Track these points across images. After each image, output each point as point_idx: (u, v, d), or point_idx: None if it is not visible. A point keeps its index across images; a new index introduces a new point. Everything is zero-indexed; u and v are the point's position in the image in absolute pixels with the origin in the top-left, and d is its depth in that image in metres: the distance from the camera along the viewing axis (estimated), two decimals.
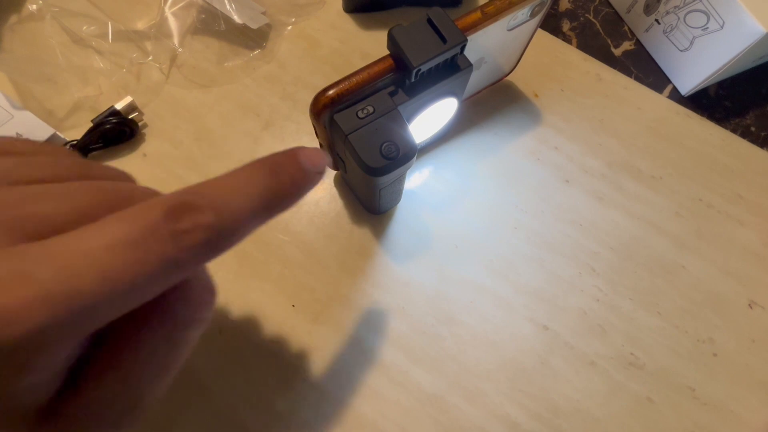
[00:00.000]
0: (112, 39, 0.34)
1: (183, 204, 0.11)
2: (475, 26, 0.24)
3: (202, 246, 0.11)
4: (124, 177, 0.15)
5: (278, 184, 0.13)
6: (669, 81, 0.37)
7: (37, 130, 0.30)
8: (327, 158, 0.15)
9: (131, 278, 0.10)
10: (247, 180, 0.13)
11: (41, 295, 0.09)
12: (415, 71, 0.22)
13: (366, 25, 0.37)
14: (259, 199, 0.13)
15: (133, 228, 0.11)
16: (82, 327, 0.10)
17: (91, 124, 0.31)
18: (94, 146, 0.31)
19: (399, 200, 0.31)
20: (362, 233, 0.31)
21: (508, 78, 0.35)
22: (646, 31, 0.37)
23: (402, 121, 0.23)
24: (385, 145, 0.22)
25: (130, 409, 0.13)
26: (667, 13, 0.35)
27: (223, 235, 0.12)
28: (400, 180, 0.27)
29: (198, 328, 0.14)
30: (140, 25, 0.35)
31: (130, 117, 0.31)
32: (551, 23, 0.38)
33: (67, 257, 0.10)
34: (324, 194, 0.32)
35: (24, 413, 0.12)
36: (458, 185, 0.32)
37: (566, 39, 0.38)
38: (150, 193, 0.13)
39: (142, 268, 0.10)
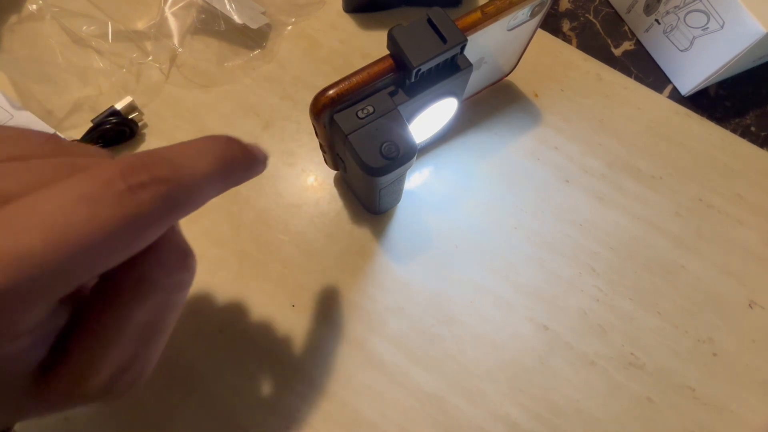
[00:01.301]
0: (112, 39, 0.34)
1: (139, 161, 0.11)
2: (475, 26, 0.24)
3: (159, 202, 0.11)
4: (104, 155, 0.15)
5: (232, 154, 0.14)
6: (669, 81, 0.37)
7: (37, 129, 0.30)
8: (265, 153, 0.16)
9: (88, 236, 0.10)
10: (203, 146, 0.14)
11: (7, 255, 0.09)
12: (415, 71, 0.22)
13: (366, 25, 0.37)
14: (214, 163, 0.13)
15: (87, 186, 0.11)
16: (46, 288, 0.10)
17: (91, 124, 0.31)
18: None
19: (399, 200, 0.31)
20: (362, 233, 0.31)
21: (508, 78, 0.35)
22: (646, 31, 0.37)
23: (402, 121, 0.23)
24: (385, 145, 0.22)
25: (119, 374, 0.13)
26: (667, 13, 0.35)
27: (180, 192, 0.12)
28: (400, 180, 0.27)
29: (179, 291, 0.14)
30: (140, 25, 0.35)
31: (130, 117, 0.31)
32: (551, 23, 0.38)
33: (17, 220, 0.10)
34: (324, 194, 0.32)
35: (16, 378, 0.12)
36: (458, 185, 0.32)
37: (566, 39, 0.38)
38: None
39: (99, 225, 0.10)
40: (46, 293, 0.11)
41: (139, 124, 0.32)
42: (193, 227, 0.20)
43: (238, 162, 0.14)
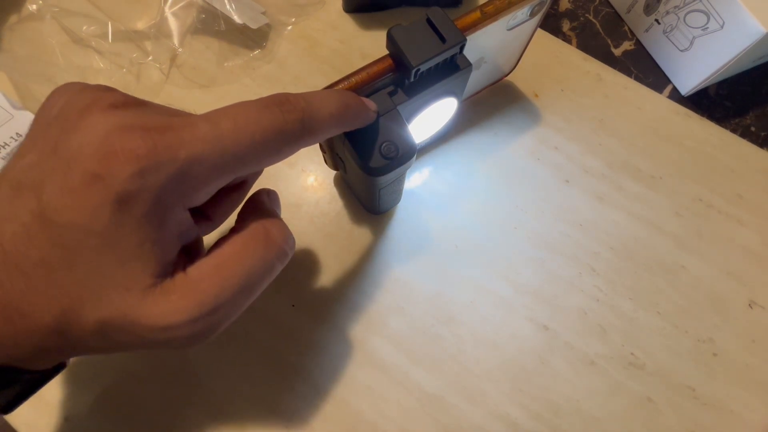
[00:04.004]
0: (112, 39, 0.34)
1: (286, 96, 0.18)
2: (474, 26, 0.24)
3: (298, 123, 0.17)
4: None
5: (349, 101, 0.20)
6: (669, 81, 0.37)
7: None
8: (375, 105, 0.22)
9: (257, 131, 0.16)
10: (329, 94, 0.20)
11: (207, 136, 0.16)
12: (414, 71, 0.22)
13: (366, 25, 0.37)
14: (335, 106, 0.19)
15: (256, 105, 0.17)
16: (224, 166, 0.16)
17: None
18: None
19: (399, 200, 0.31)
20: (362, 233, 0.31)
21: (508, 78, 0.35)
22: (646, 31, 0.37)
23: (401, 121, 0.23)
24: (384, 145, 0.22)
25: (217, 309, 0.16)
26: (667, 13, 0.35)
27: (312, 121, 0.18)
28: (400, 180, 0.27)
29: (281, 260, 0.18)
30: (140, 25, 0.35)
31: None
32: (551, 23, 0.38)
33: (214, 116, 0.16)
34: (324, 194, 0.32)
35: (178, 243, 0.17)
36: (458, 185, 0.32)
37: (566, 39, 0.38)
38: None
39: (263, 127, 0.17)
40: (224, 169, 0.16)
41: None
42: None
43: (353, 108, 0.20)
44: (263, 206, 0.20)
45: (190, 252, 0.18)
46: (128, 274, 0.15)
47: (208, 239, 0.20)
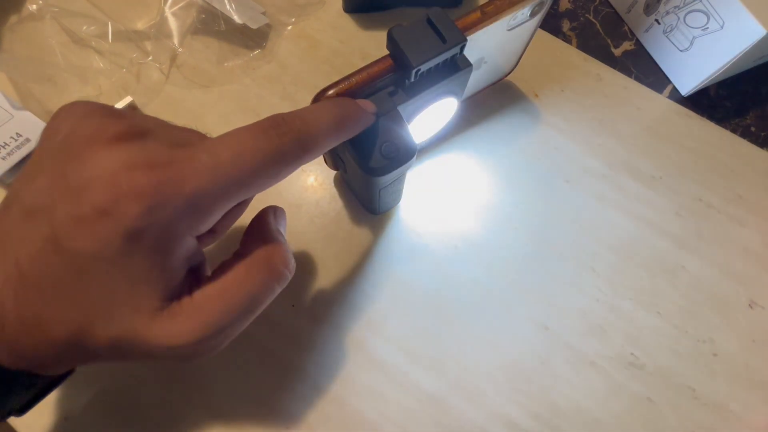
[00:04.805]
0: (112, 39, 0.34)
1: (281, 118, 0.18)
2: (474, 26, 0.24)
3: (295, 143, 0.18)
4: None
5: (345, 113, 0.20)
6: (669, 81, 0.37)
7: (37, 130, 0.30)
8: (373, 106, 0.22)
9: (255, 158, 0.17)
10: (323, 106, 0.20)
11: (208, 168, 0.16)
12: (414, 71, 0.22)
13: (366, 25, 0.37)
14: (331, 119, 0.19)
15: (252, 130, 0.17)
16: (227, 195, 0.17)
17: None
18: None
19: (399, 200, 0.31)
20: (362, 233, 0.31)
21: (508, 78, 0.35)
22: (646, 31, 0.37)
23: (402, 121, 0.23)
24: (384, 145, 0.22)
25: (220, 331, 0.18)
26: (667, 13, 0.35)
27: (308, 139, 0.18)
28: (400, 180, 0.27)
29: (280, 282, 0.20)
30: (140, 25, 0.35)
31: None
32: (551, 23, 0.38)
33: (211, 144, 0.17)
34: (324, 194, 0.32)
35: (185, 268, 0.18)
36: (458, 185, 0.32)
37: (566, 39, 0.38)
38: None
39: (261, 152, 0.17)
40: (227, 197, 0.17)
41: None
42: None
43: (350, 116, 0.20)
44: (268, 228, 0.21)
45: (196, 273, 0.19)
46: (138, 297, 0.16)
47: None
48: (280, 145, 0.17)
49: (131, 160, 0.16)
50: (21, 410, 0.18)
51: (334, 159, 0.28)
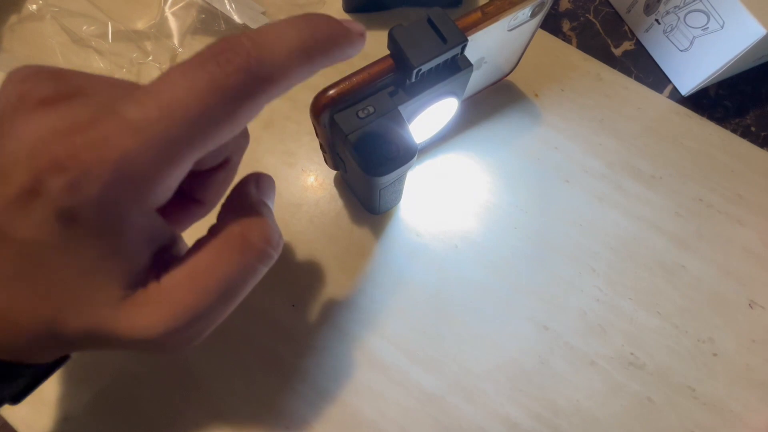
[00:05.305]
0: (112, 39, 0.34)
1: (226, 42, 0.14)
2: (475, 26, 0.24)
3: (243, 74, 0.14)
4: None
5: (317, 30, 0.15)
6: (669, 81, 0.37)
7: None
8: (362, 27, 0.17)
9: (191, 103, 0.13)
10: (286, 24, 0.15)
11: (136, 124, 0.13)
12: (415, 71, 0.22)
13: (366, 25, 0.36)
14: (297, 38, 0.14)
15: (185, 66, 0.14)
16: (169, 155, 0.13)
17: None
18: None
19: (399, 200, 0.31)
20: (362, 233, 0.31)
21: (508, 78, 0.35)
22: (646, 31, 0.37)
23: (402, 121, 0.23)
24: (385, 145, 0.22)
25: (197, 320, 0.16)
26: (667, 13, 0.35)
27: (261, 67, 0.14)
28: (400, 180, 0.27)
29: (264, 262, 0.17)
30: (140, 25, 0.35)
31: None
32: (551, 23, 0.38)
33: (144, 98, 0.13)
34: (324, 194, 0.32)
35: (148, 249, 0.15)
36: (458, 185, 0.32)
37: (566, 39, 0.38)
38: None
39: (198, 95, 0.13)
40: (171, 157, 0.13)
41: None
42: (195, 227, 0.20)
43: (325, 35, 0.15)
44: (246, 200, 0.18)
45: (166, 253, 0.16)
46: (94, 287, 0.14)
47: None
48: (223, 77, 0.13)
49: (53, 126, 0.13)
50: (15, 399, 0.17)
51: (334, 159, 0.28)
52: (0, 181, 0.13)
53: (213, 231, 0.17)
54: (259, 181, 0.19)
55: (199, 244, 0.17)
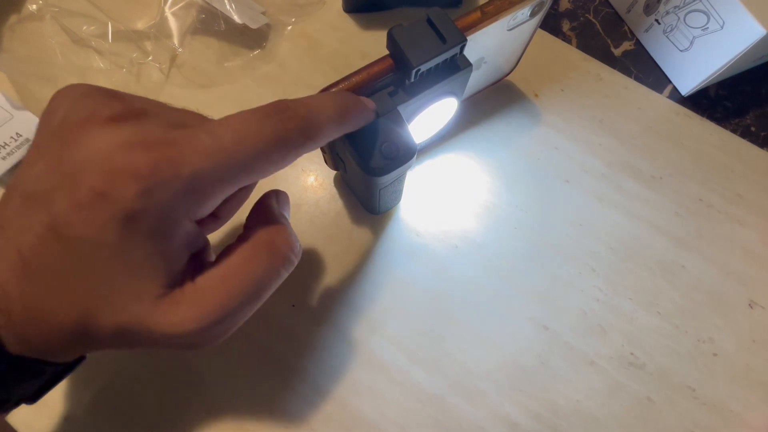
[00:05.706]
0: (112, 39, 0.34)
1: (285, 104, 0.18)
2: (474, 26, 0.24)
3: (298, 130, 0.18)
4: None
5: (348, 105, 0.20)
6: (669, 81, 0.37)
7: None
8: (374, 103, 0.22)
9: (258, 140, 0.17)
10: (327, 98, 0.20)
11: (209, 149, 0.16)
12: (414, 71, 0.22)
13: (366, 25, 0.37)
14: (333, 110, 0.19)
15: (255, 114, 0.17)
16: (228, 178, 0.16)
17: None
18: None
19: (399, 200, 0.31)
20: (362, 233, 0.31)
21: (508, 78, 0.35)
22: (646, 31, 0.37)
23: (402, 121, 0.23)
24: (384, 145, 0.22)
25: (224, 318, 0.17)
26: (667, 13, 0.35)
27: (312, 126, 0.18)
28: (400, 180, 0.27)
29: (286, 266, 0.19)
30: (140, 25, 0.35)
31: None
32: (551, 23, 0.38)
33: (214, 126, 0.17)
34: (324, 194, 0.32)
35: (187, 253, 0.17)
36: (458, 185, 0.32)
37: (566, 39, 0.38)
38: None
39: (264, 136, 0.17)
40: (228, 180, 0.16)
41: None
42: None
43: (352, 110, 0.20)
44: (270, 212, 0.20)
45: (199, 258, 0.19)
46: (138, 284, 0.16)
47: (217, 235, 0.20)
48: (284, 130, 0.17)
49: (127, 140, 0.15)
50: (32, 398, 0.18)
51: (334, 159, 0.28)
52: (68, 185, 0.15)
53: (241, 238, 0.19)
54: (278, 197, 0.22)
55: (229, 249, 0.19)
